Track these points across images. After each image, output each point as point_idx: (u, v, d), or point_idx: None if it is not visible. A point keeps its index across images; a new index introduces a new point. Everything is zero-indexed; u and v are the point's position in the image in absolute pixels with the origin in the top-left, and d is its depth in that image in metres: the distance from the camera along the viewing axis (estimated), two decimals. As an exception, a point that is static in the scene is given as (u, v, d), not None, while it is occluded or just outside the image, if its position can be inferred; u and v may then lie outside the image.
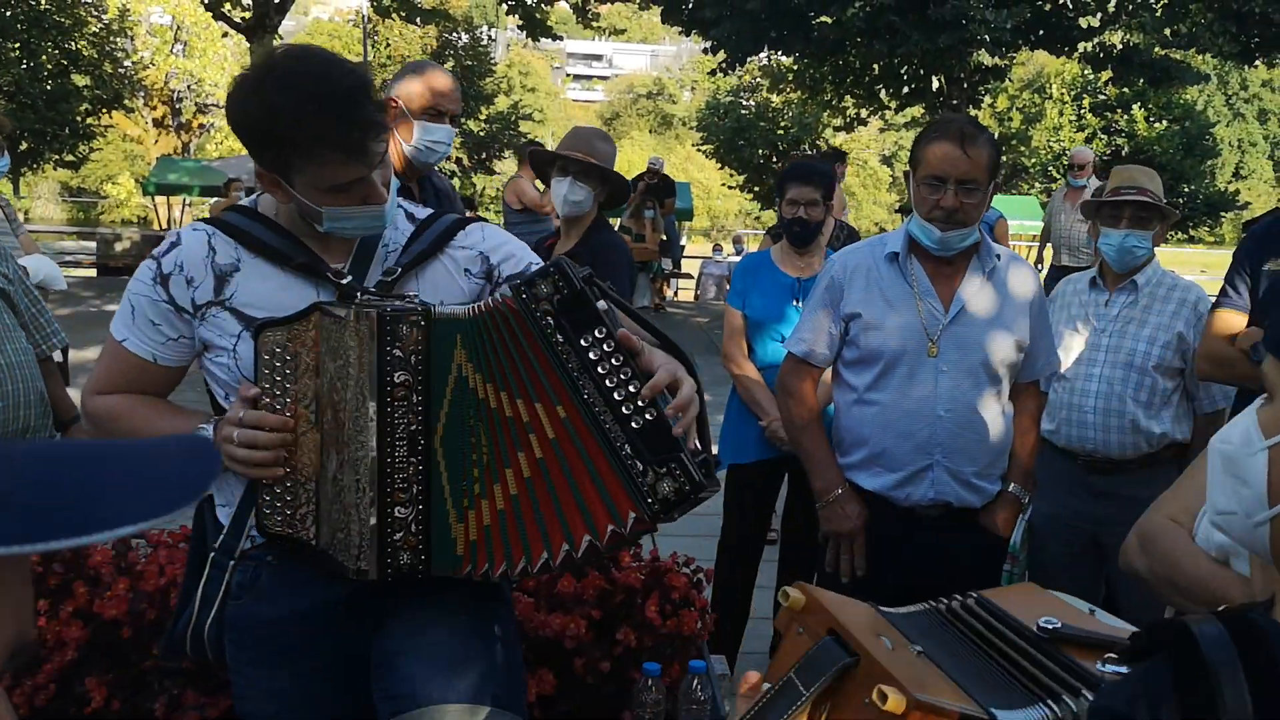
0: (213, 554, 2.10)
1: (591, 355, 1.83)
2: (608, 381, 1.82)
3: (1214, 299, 3.36)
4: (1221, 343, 3.22)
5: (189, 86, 38.14)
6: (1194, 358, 3.51)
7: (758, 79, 29.53)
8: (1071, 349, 3.74)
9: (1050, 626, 1.54)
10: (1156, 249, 3.79)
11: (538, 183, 11.62)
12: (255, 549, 2.09)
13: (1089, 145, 31.04)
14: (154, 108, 38.85)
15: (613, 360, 1.83)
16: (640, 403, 1.80)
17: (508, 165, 42.03)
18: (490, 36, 38.00)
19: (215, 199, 19.09)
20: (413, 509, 1.96)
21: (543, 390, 1.88)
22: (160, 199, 25.56)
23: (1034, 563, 3.75)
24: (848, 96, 21.58)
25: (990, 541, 3.22)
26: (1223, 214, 30.98)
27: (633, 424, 1.81)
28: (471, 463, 1.95)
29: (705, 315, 15.29)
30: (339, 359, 1.93)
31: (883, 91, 19.27)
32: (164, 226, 25.65)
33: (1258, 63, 17.66)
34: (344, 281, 2.04)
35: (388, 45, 35.29)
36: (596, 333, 1.83)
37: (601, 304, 1.86)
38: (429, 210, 2.30)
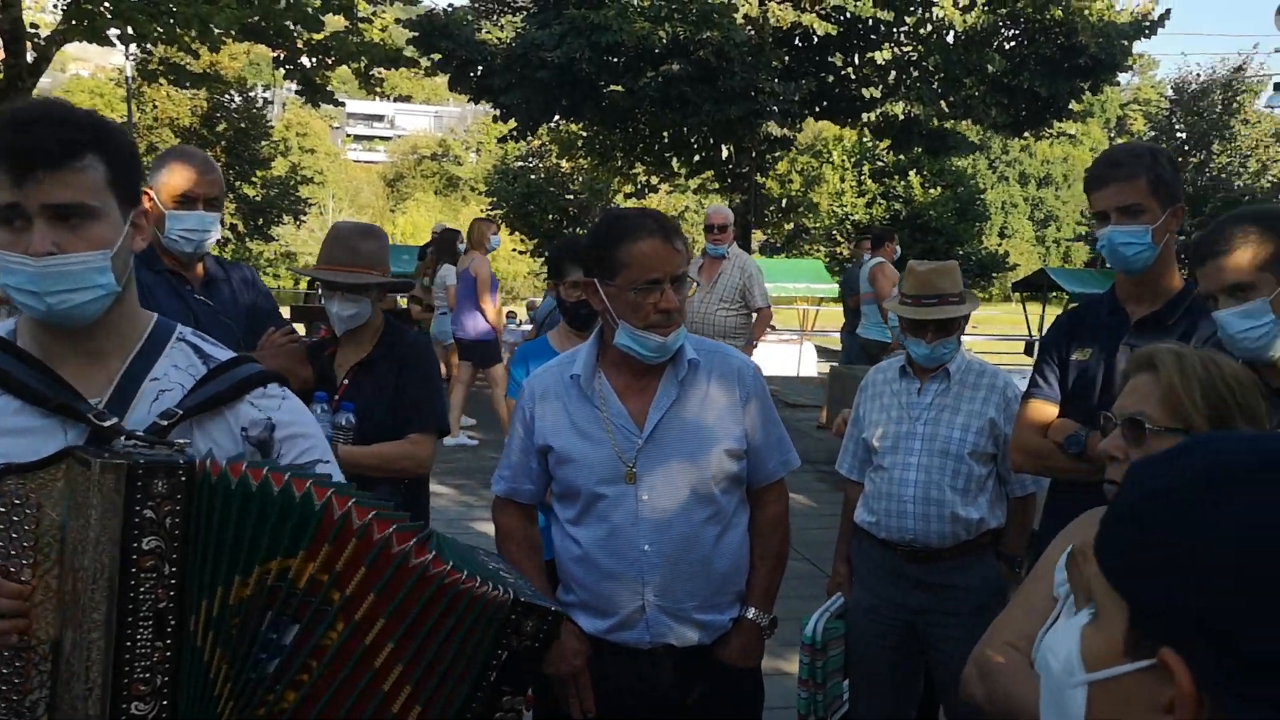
0: None
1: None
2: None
3: (1025, 390, 3.37)
4: (1035, 435, 3.21)
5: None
6: (1005, 443, 3.50)
7: (547, 144, 29.54)
8: (886, 439, 3.65)
9: None
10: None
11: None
12: None
13: (870, 210, 32.46)
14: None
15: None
16: None
17: (286, 230, 40.84)
18: (265, 99, 36.88)
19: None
20: (154, 705, 1.62)
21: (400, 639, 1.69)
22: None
23: (853, 655, 3.73)
24: (638, 163, 21.73)
25: (736, 674, 2.92)
26: (993, 274, 32.76)
27: None
28: (259, 661, 1.65)
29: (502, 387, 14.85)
30: (81, 517, 1.60)
31: (674, 159, 19.44)
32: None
33: (1026, 135, 18.67)
34: (106, 424, 1.72)
35: (154, 107, 33.67)
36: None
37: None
38: (229, 353, 1.96)
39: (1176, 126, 38.05)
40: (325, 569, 1.64)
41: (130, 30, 14.49)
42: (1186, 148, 35.44)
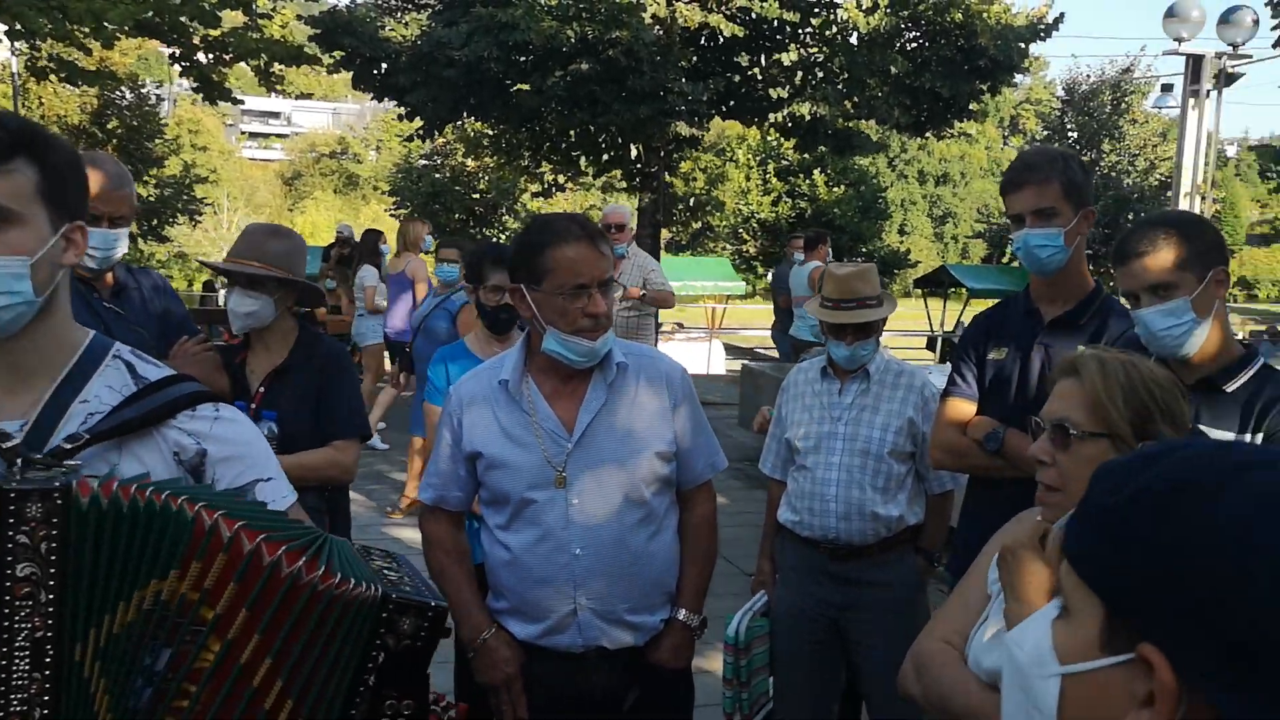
0: None
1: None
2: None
3: (943, 388, 3.45)
4: (954, 432, 3.29)
5: None
6: (923, 442, 3.58)
7: (452, 143, 29.24)
8: (808, 438, 3.71)
9: None
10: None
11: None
12: None
13: (775, 208, 32.78)
14: None
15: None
16: None
17: (180, 231, 39.79)
18: (158, 95, 35.89)
19: None
20: None
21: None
22: None
23: (778, 652, 3.79)
24: (545, 163, 21.61)
25: (669, 676, 2.95)
26: (895, 271, 33.36)
27: None
28: (136, 689, 1.59)
29: (411, 390, 14.66)
30: None
31: (581, 159, 19.38)
32: None
33: (928, 135, 18.99)
34: (5, 445, 1.62)
35: (40, 104, 32.51)
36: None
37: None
38: (165, 370, 1.86)
39: (1068, 126, 39.06)
40: (195, 587, 1.58)
41: (18, 26, 13.95)
42: (1077, 147, 36.37)
